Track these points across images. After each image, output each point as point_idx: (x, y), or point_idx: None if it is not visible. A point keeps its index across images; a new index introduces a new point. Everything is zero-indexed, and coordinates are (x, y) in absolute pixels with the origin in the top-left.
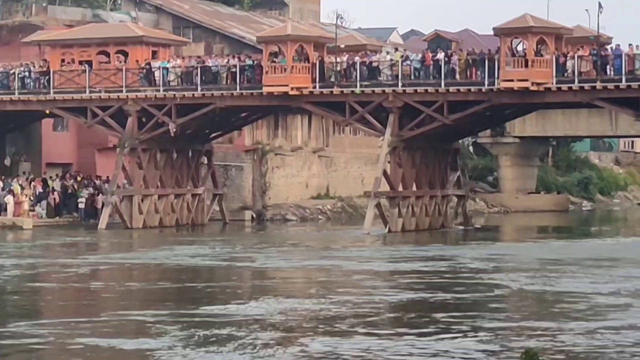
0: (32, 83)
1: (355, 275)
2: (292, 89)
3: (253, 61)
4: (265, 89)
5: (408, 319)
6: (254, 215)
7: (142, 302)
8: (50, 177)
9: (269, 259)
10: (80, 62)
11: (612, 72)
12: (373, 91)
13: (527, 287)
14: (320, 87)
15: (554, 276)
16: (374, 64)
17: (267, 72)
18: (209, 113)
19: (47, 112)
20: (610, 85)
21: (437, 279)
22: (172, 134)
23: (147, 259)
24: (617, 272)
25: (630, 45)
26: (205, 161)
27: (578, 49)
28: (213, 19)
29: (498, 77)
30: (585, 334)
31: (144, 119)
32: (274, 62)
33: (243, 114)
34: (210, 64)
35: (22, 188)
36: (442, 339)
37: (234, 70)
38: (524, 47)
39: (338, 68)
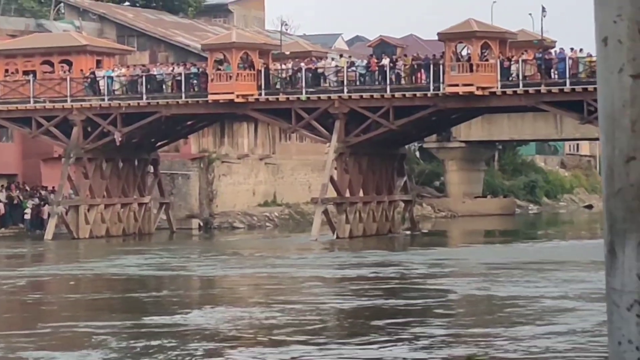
0: None
1: (303, 283)
2: (237, 96)
3: (198, 69)
4: (210, 97)
5: (352, 326)
6: (201, 224)
7: (87, 313)
8: None
9: (217, 267)
10: (24, 72)
11: (556, 76)
12: (319, 97)
13: (475, 292)
14: (265, 94)
15: (501, 280)
16: (320, 71)
17: (212, 80)
18: (155, 122)
19: None
20: (555, 89)
21: (385, 285)
22: (118, 143)
23: (93, 269)
24: (563, 275)
25: (572, 49)
26: (152, 170)
27: (522, 53)
28: (157, 27)
29: (443, 82)
30: (530, 339)
31: (89, 129)
32: (219, 69)
33: (189, 122)
34: (155, 73)
35: None
36: (380, 346)
37: (179, 78)
38: (469, 51)
39: (283, 75)
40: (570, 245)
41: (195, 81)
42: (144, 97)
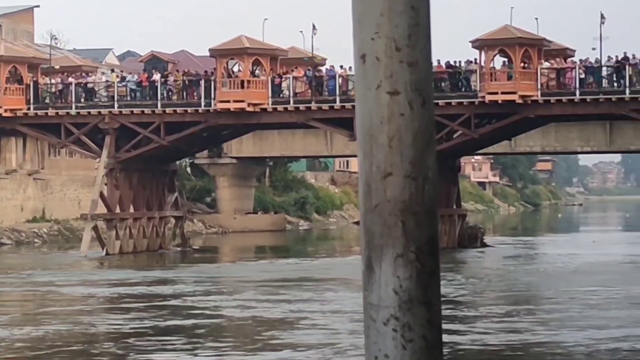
0: None
1: (69, 301)
2: (5, 110)
3: None
4: None
5: (105, 348)
6: None
7: None
8: None
9: None
10: None
11: (326, 93)
12: (89, 112)
13: (239, 312)
14: (34, 109)
15: (267, 299)
16: (90, 85)
17: None
18: None
19: None
20: (325, 106)
21: (153, 303)
22: None
23: None
24: (332, 294)
25: (342, 67)
26: None
27: (293, 70)
28: None
29: (214, 98)
30: None
31: None
32: None
33: None
34: None
35: None
36: None
37: None
38: (240, 68)
39: (53, 89)
40: (338, 262)
41: None
42: None
